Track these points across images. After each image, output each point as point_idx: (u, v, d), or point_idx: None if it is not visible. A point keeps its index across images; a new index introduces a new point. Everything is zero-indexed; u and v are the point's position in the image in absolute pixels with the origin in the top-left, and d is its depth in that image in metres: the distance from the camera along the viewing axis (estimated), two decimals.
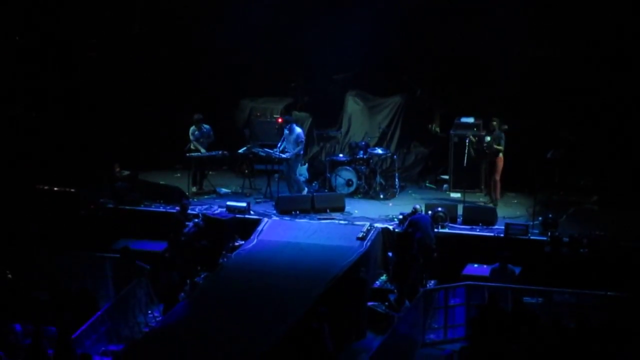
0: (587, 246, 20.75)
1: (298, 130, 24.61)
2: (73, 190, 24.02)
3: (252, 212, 23.18)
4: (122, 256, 20.66)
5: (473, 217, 22.50)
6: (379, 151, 25.59)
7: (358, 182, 24.95)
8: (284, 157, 24.41)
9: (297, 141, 24.41)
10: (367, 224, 22.30)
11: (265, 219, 22.78)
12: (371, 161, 25.28)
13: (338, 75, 28.09)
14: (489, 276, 20.08)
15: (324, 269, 20.32)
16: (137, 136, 26.73)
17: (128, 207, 23.53)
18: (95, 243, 22.34)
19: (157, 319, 20.21)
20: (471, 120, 25.15)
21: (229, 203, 23.34)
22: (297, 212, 23.35)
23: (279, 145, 24.58)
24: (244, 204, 23.16)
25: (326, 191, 24.82)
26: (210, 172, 25.70)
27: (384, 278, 21.71)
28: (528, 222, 22.00)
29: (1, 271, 21.05)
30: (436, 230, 21.48)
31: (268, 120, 27.10)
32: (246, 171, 25.89)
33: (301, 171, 24.96)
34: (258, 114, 27.51)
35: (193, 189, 24.87)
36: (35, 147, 25.42)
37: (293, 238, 22.04)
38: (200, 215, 22.37)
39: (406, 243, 20.99)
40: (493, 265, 20.18)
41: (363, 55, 27.12)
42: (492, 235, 21.79)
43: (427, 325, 19.71)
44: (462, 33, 25.87)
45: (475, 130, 24.64)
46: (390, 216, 23.02)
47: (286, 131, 24.57)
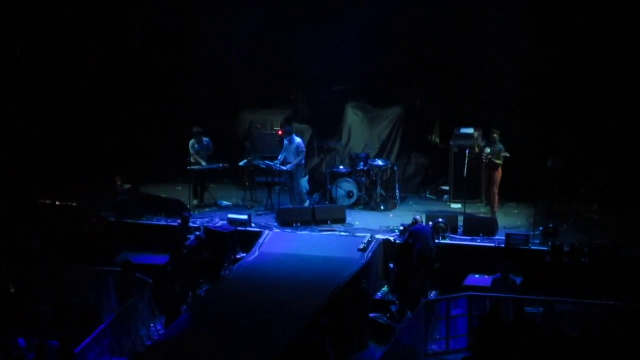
0: (588, 255, 20.74)
1: (298, 140, 24.66)
2: (75, 204, 24.07)
3: (254, 225, 23.23)
4: (124, 270, 20.67)
5: (474, 228, 22.52)
6: (380, 162, 25.60)
7: (359, 194, 24.98)
8: (285, 169, 24.46)
9: (298, 151, 24.45)
10: (368, 236, 22.33)
11: (266, 231, 22.81)
12: (372, 172, 25.29)
13: (338, 86, 28.11)
14: (491, 286, 20.07)
15: (326, 281, 20.35)
16: (138, 149, 26.76)
17: (130, 221, 23.54)
18: (97, 257, 22.33)
19: (160, 332, 20.22)
20: (471, 130, 25.19)
21: (231, 216, 23.37)
22: (299, 224, 23.37)
23: (280, 157, 24.62)
24: (245, 217, 23.21)
25: (327, 203, 24.85)
26: (211, 185, 25.73)
27: (386, 289, 21.73)
28: (529, 232, 22.05)
29: (4, 285, 21.07)
30: (437, 241, 21.47)
31: (268, 132, 27.10)
32: (247, 183, 25.90)
33: (302, 183, 24.99)
34: (258, 126, 27.52)
35: (194, 202, 24.89)
36: (36, 162, 25.45)
37: (294, 250, 22.07)
38: (201, 228, 22.36)
39: (407, 254, 20.99)
40: (494, 275, 20.16)
41: (363, 66, 27.12)
42: (493, 245, 21.80)
43: (429, 336, 19.71)
44: (461, 43, 25.90)
45: (475, 141, 24.67)
46: (391, 227, 23.06)
47: (286, 142, 24.63)
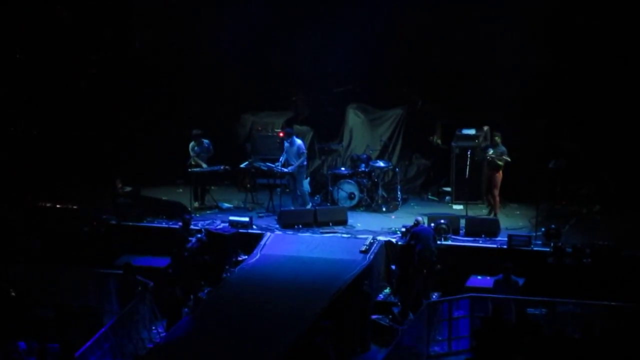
0: (591, 256, 20.70)
1: (299, 142, 24.62)
2: (75, 207, 24.06)
3: (255, 227, 23.17)
4: (125, 272, 20.63)
5: (476, 229, 22.47)
6: (381, 164, 25.55)
7: (360, 195, 24.93)
8: (286, 171, 24.43)
9: (299, 153, 24.41)
10: (370, 237, 22.27)
11: (267, 234, 22.75)
12: (373, 174, 25.26)
13: (339, 88, 28.08)
14: (493, 288, 20.04)
15: (327, 283, 20.30)
16: (139, 152, 26.73)
17: (130, 223, 23.49)
18: (98, 259, 22.33)
19: (161, 335, 20.16)
20: (472, 131, 25.16)
21: (232, 218, 23.32)
22: (300, 226, 23.32)
23: (281, 159, 24.58)
24: (247, 219, 23.15)
25: (328, 205, 24.79)
26: (212, 187, 25.70)
27: (388, 291, 21.68)
28: (531, 233, 21.98)
29: (5, 289, 21.04)
30: (439, 242, 21.44)
31: (269, 134, 27.06)
32: (248, 186, 25.87)
33: (304, 185, 24.93)
34: (259, 128, 27.48)
35: (195, 204, 24.84)
36: (37, 164, 25.42)
37: (296, 252, 22.01)
38: (202, 230, 22.35)
39: (409, 256, 20.96)
40: (496, 276, 20.13)
41: (363, 67, 27.13)
42: (495, 246, 21.74)
43: (431, 337, 19.65)
44: (462, 44, 25.89)
45: (476, 141, 24.63)
46: (392, 229, 23.02)
47: (287, 144, 24.60)
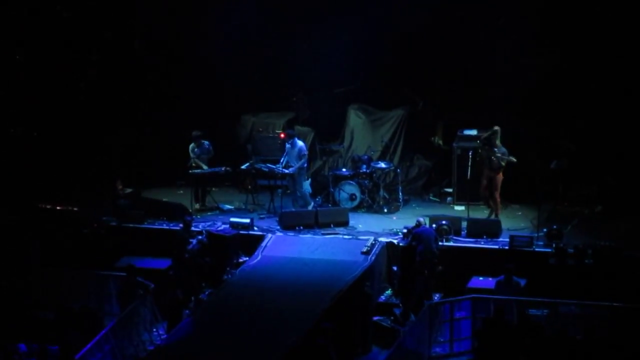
0: (592, 257, 20.64)
1: (300, 143, 24.58)
2: (76, 208, 24.04)
3: (256, 228, 23.11)
4: (127, 274, 20.57)
5: (477, 230, 22.42)
6: (382, 165, 25.52)
7: (361, 196, 24.89)
8: (287, 172, 24.39)
9: (300, 154, 24.37)
10: (371, 238, 22.19)
11: (269, 235, 22.69)
12: (374, 175, 25.23)
13: (340, 88, 28.04)
14: (494, 289, 20.01)
15: (329, 284, 20.26)
16: (139, 153, 26.69)
17: (131, 225, 23.44)
18: (98, 261, 22.29)
19: (162, 337, 20.12)
20: (474, 132, 25.11)
21: (233, 219, 23.27)
22: (301, 228, 23.26)
23: (282, 160, 24.54)
24: (248, 220, 23.10)
25: (330, 206, 24.73)
26: (213, 189, 25.66)
27: (389, 292, 21.64)
28: (532, 234, 21.91)
29: (5, 290, 21.00)
30: (441, 243, 21.40)
31: (270, 135, 27.04)
32: (249, 187, 25.81)
33: (305, 186, 24.89)
34: (260, 129, 27.45)
35: (196, 206, 24.78)
36: (37, 166, 25.39)
37: (297, 253, 21.96)
38: (203, 232, 22.27)
39: (411, 257, 20.94)
40: (498, 277, 20.10)
41: (364, 68, 27.13)
42: (497, 247, 21.69)
43: (433, 339, 19.61)
44: (463, 44, 25.86)
45: (477, 142, 24.56)
46: (394, 230, 22.96)
47: (288, 145, 24.56)
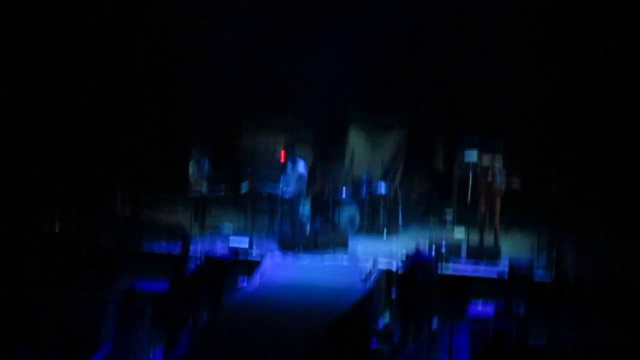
0: (593, 284, 20.60)
1: (300, 165, 24.56)
2: (73, 230, 23.98)
3: (255, 252, 23.08)
4: (127, 297, 20.50)
5: (477, 255, 22.41)
6: (382, 187, 25.52)
7: (361, 219, 24.85)
8: (287, 194, 24.34)
9: (300, 176, 24.37)
10: (371, 262, 22.18)
11: (267, 259, 22.68)
12: (374, 198, 25.22)
13: (341, 110, 28.02)
14: (493, 315, 19.95)
15: (328, 309, 20.15)
16: (138, 175, 26.66)
17: (129, 248, 23.42)
18: (96, 283, 22.22)
19: None
20: (475, 156, 25.03)
21: (231, 242, 23.24)
22: (300, 251, 23.23)
23: (282, 182, 24.53)
24: (246, 244, 23.07)
25: (329, 229, 24.71)
26: (212, 211, 25.63)
27: (388, 317, 21.58)
28: (532, 261, 21.87)
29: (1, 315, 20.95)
30: (439, 268, 21.35)
31: (270, 157, 27.03)
32: (248, 209, 25.79)
33: (304, 209, 24.87)
34: (260, 151, 27.45)
35: (195, 228, 24.78)
36: (34, 187, 25.33)
37: (296, 278, 21.91)
38: (202, 255, 22.24)
39: (410, 282, 20.87)
40: (497, 303, 20.04)
41: (366, 90, 27.11)
42: (496, 273, 21.64)
43: None
44: (466, 68, 25.89)
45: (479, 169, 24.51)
46: (393, 254, 22.89)
47: (288, 167, 24.55)
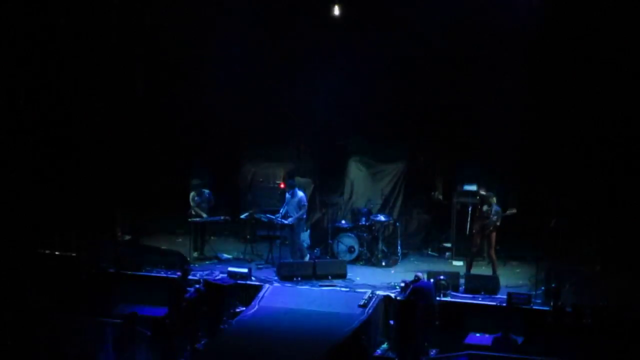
0: (591, 317, 20.58)
1: (300, 194, 24.63)
2: (74, 254, 24.01)
3: (254, 278, 23.09)
4: (127, 322, 20.48)
5: (475, 286, 22.41)
6: (382, 218, 25.55)
7: (360, 249, 24.91)
8: (286, 223, 24.41)
9: (300, 205, 24.42)
10: (369, 291, 22.17)
11: (266, 285, 22.69)
12: (373, 228, 25.24)
13: (341, 140, 28.08)
14: (491, 346, 19.94)
15: (326, 336, 20.21)
16: (139, 200, 26.69)
17: (129, 272, 23.43)
18: (95, 307, 22.22)
19: None
20: (474, 188, 25.14)
21: (230, 269, 23.28)
22: (299, 279, 23.26)
23: (281, 210, 24.59)
24: (246, 270, 23.10)
25: (328, 257, 24.75)
26: (211, 238, 25.70)
27: (386, 346, 21.56)
28: (531, 292, 21.90)
29: (1, 337, 20.90)
30: (438, 298, 21.36)
31: (270, 185, 27.08)
32: (248, 236, 25.83)
33: (303, 237, 24.92)
34: (260, 179, 27.49)
35: (194, 254, 24.83)
36: (36, 211, 25.37)
37: (294, 305, 21.91)
38: (201, 280, 22.17)
39: (408, 311, 20.86)
40: (495, 334, 20.05)
41: (366, 121, 27.17)
42: (495, 304, 21.64)
43: None
44: (465, 100, 25.92)
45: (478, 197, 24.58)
46: (392, 283, 22.91)
47: (288, 195, 24.63)
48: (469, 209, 24.18)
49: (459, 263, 24.61)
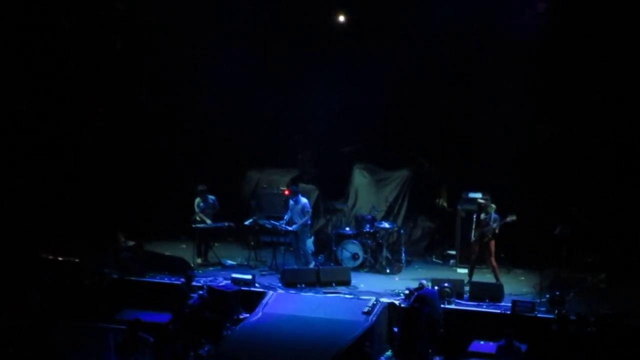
0: (595, 325, 20.52)
1: (304, 200, 24.60)
2: (77, 260, 23.98)
3: (257, 285, 23.06)
4: (130, 328, 20.43)
5: (480, 293, 22.34)
6: (386, 225, 25.52)
7: (364, 256, 24.86)
8: (290, 230, 24.38)
9: (304, 211, 24.39)
10: (373, 299, 22.12)
11: (270, 292, 22.65)
12: (378, 235, 25.19)
13: (345, 147, 28.09)
14: (495, 353, 19.86)
15: (329, 343, 20.18)
16: (143, 206, 26.67)
17: (132, 278, 23.41)
18: (98, 313, 22.19)
19: None
20: (479, 195, 25.09)
21: (234, 275, 23.25)
22: (303, 285, 23.21)
23: (285, 217, 24.57)
24: (249, 276, 23.07)
25: (332, 264, 24.71)
26: (215, 244, 25.68)
27: (389, 353, 21.52)
28: (535, 299, 21.82)
29: (4, 343, 20.88)
30: (442, 305, 21.32)
31: (274, 191, 27.04)
32: (252, 243, 25.80)
33: (307, 244, 24.87)
34: (265, 186, 27.50)
35: (198, 261, 24.80)
36: (39, 216, 25.37)
37: (298, 311, 21.87)
38: (205, 287, 22.19)
39: (412, 318, 20.83)
40: (499, 342, 19.98)
41: (371, 128, 27.18)
42: (499, 312, 21.59)
43: None
44: (471, 107, 25.95)
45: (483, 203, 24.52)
46: (396, 291, 22.86)
47: (292, 202, 24.58)
48: (474, 217, 24.10)
49: (464, 270, 24.53)
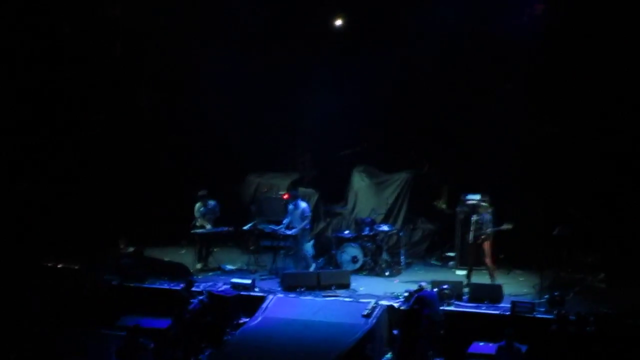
0: (594, 325, 20.50)
1: (303, 204, 24.63)
2: (77, 266, 24.02)
3: (257, 289, 23.08)
4: (130, 334, 20.45)
5: (479, 295, 22.32)
6: (385, 228, 25.54)
7: (364, 259, 24.87)
8: (290, 234, 24.40)
9: (303, 216, 24.40)
10: (373, 301, 22.12)
11: (270, 296, 22.65)
12: (377, 237, 25.21)
13: (345, 151, 28.13)
14: (495, 354, 19.82)
15: (329, 347, 20.19)
16: (143, 211, 26.71)
17: (132, 284, 23.43)
18: (99, 320, 22.22)
19: None
20: (478, 197, 25.10)
21: (234, 280, 23.27)
22: (303, 289, 23.18)
23: (285, 221, 24.58)
24: (249, 281, 23.09)
25: (332, 268, 24.72)
26: (215, 249, 25.70)
27: (390, 356, 21.46)
28: (534, 300, 21.82)
29: (4, 351, 20.92)
30: (442, 307, 21.30)
31: (274, 196, 27.08)
32: (252, 247, 25.81)
33: (307, 247, 24.89)
34: (264, 190, 27.55)
35: (198, 266, 24.82)
36: (39, 223, 25.40)
37: (298, 315, 21.88)
38: (204, 292, 22.17)
39: (412, 320, 20.82)
40: (499, 343, 19.96)
41: (370, 130, 27.22)
42: (499, 313, 21.58)
43: None
44: (470, 109, 25.96)
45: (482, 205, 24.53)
46: (395, 293, 22.85)
47: (291, 206, 24.60)
48: (471, 218, 24.11)
49: (463, 272, 24.53)
